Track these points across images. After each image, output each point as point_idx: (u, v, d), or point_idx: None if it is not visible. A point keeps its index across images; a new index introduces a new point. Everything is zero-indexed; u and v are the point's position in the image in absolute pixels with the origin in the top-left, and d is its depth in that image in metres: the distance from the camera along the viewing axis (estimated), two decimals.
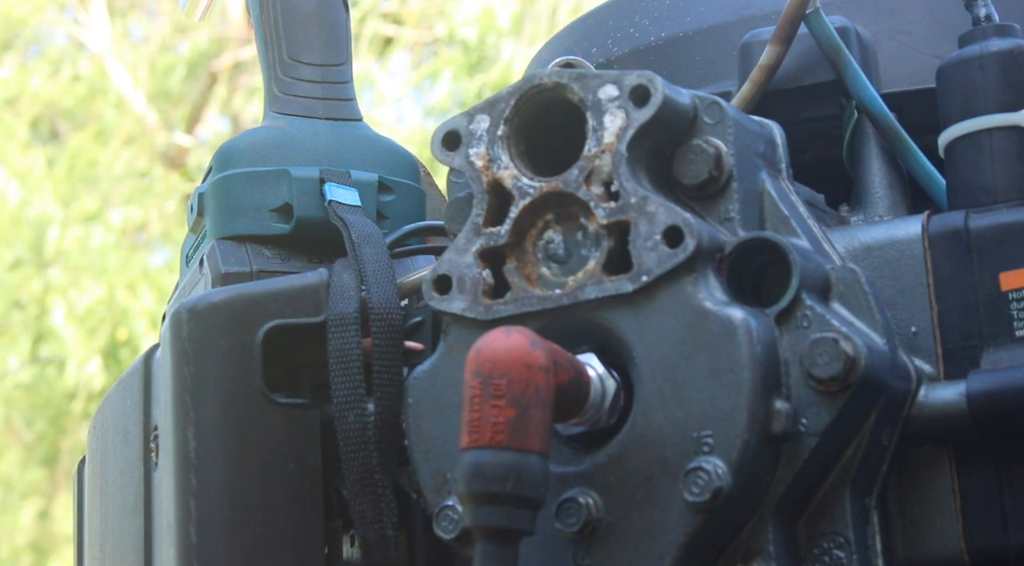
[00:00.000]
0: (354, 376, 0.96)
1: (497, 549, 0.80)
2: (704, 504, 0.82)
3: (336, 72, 1.13)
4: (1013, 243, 0.89)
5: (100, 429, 1.12)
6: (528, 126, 0.92)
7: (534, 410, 0.80)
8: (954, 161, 0.96)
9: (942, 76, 0.98)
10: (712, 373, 0.84)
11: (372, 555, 0.96)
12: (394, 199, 1.10)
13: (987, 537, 0.88)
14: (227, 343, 0.96)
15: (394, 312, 0.97)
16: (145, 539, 1.02)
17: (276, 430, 0.96)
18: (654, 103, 0.87)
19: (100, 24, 6.75)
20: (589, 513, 0.86)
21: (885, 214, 1.04)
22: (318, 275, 0.99)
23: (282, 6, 1.13)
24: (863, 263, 0.92)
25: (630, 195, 0.87)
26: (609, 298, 0.87)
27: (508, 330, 0.82)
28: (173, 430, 0.96)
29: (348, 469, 0.95)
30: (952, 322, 0.90)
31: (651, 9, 1.16)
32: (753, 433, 0.83)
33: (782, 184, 0.92)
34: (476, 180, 0.92)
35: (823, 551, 0.86)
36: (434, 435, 0.91)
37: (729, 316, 0.84)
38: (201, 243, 1.10)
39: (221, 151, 1.09)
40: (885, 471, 0.88)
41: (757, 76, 1.03)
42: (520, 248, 0.91)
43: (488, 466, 0.80)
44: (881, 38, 1.08)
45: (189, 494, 0.95)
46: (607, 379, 0.87)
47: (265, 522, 0.95)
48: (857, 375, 0.83)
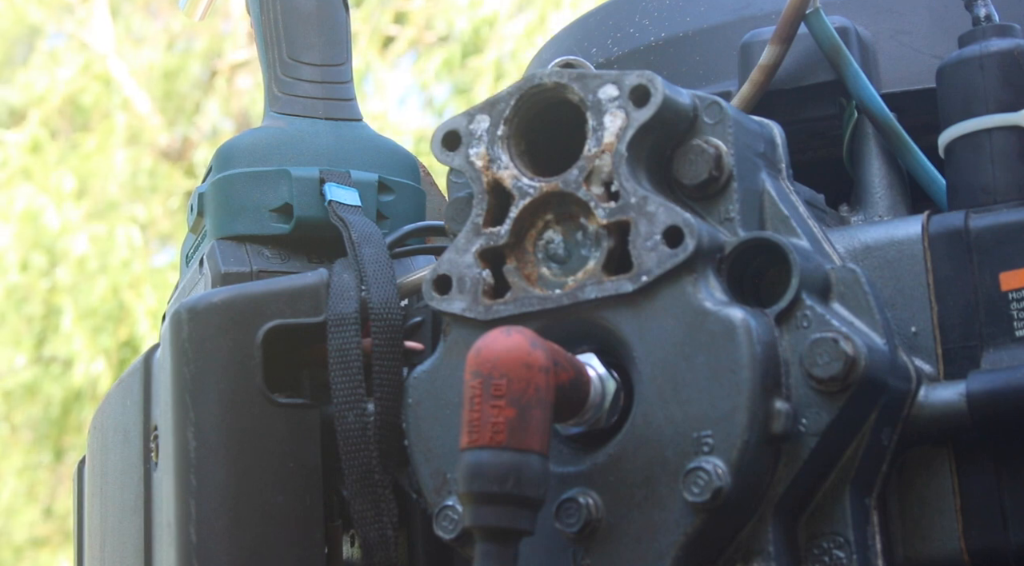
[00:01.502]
0: (354, 376, 0.96)
1: (497, 549, 0.80)
2: (704, 504, 0.82)
3: (336, 72, 1.13)
4: (1013, 243, 0.89)
5: (100, 429, 1.12)
6: (528, 126, 0.92)
7: (534, 410, 0.80)
8: (954, 161, 0.96)
9: (942, 76, 0.98)
10: (712, 373, 0.84)
11: (372, 555, 0.96)
12: (394, 199, 1.10)
13: (987, 537, 0.88)
14: (227, 343, 0.96)
15: (394, 312, 0.97)
16: (145, 539, 1.02)
17: (276, 430, 0.96)
18: (654, 103, 0.87)
19: (103, 24, 6.76)
20: (589, 513, 0.86)
21: (885, 214, 1.04)
22: (318, 275, 0.99)
23: (282, 6, 1.13)
24: (863, 263, 0.92)
25: (630, 195, 0.87)
26: (609, 298, 0.87)
27: (508, 330, 0.82)
28: (173, 430, 0.96)
29: (348, 469, 0.95)
30: (952, 322, 0.90)
31: (651, 9, 1.16)
32: (753, 433, 0.83)
33: (782, 184, 0.92)
34: (476, 180, 0.92)
35: (823, 551, 0.86)
36: (434, 435, 0.91)
37: (729, 316, 0.84)
38: (201, 243, 1.10)
39: (221, 151, 1.10)
40: (885, 471, 0.88)
41: (757, 76, 1.03)
42: (520, 248, 0.91)
43: (488, 466, 0.80)
44: (881, 38, 1.08)
45: (189, 494, 0.95)
46: (607, 379, 0.87)
47: (265, 522, 0.95)
48: (857, 375, 0.83)
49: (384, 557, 0.96)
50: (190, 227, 1.12)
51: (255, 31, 1.15)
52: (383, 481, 0.95)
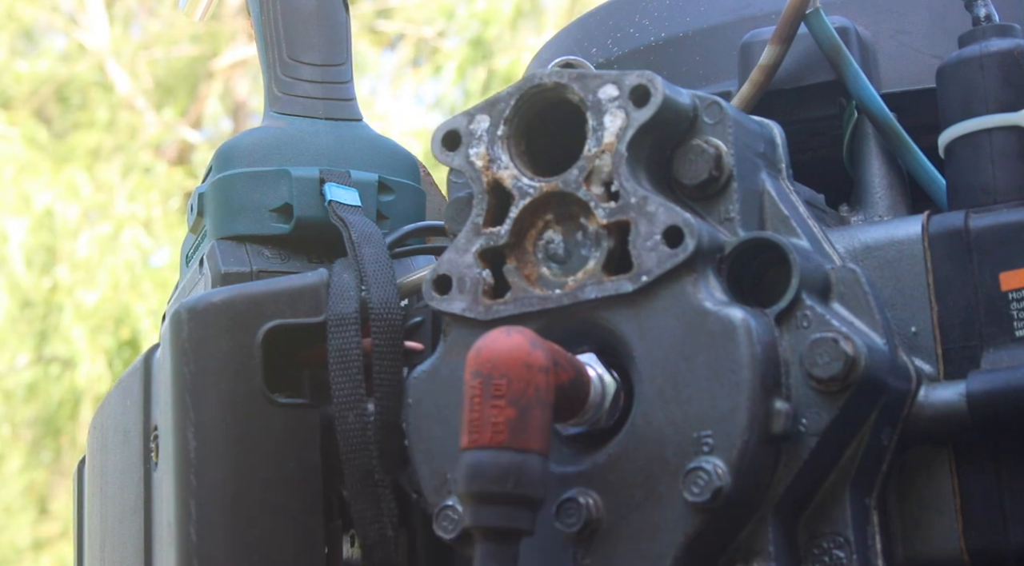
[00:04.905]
0: (354, 376, 0.96)
1: (497, 549, 0.80)
2: (704, 504, 0.82)
3: (336, 72, 1.13)
4: (1013, 243, 0.89)
5: (100, 429, 1.12)
6: (528, 126, 0.92)
7: (534, 410, 0.80)
8: (954, 161, 0.96)
9: (942, 76, 0.98)
10: (712, 373, 0.84)
11: (372, 555, 0.96)
12: (394, 199, 1.10)
13: (987, 537, 0.88)
14: (227, 343, 0.96)
15: (394, 312, 0.97)
16: (145, 539, 1.02)
17: (276, 430, 0.96)
18: (654, 103, 0.87)
19: (99, 23, 6.76)
20: (589, 513, 0.86)
21: (885, 214, 1.04)
22: (318, 275, 0.99)
23: (282, 6, 1.13)
24: (863, 263, 0.92)
25: (630, 195, 0.87)
26: (609, 298, 0.87)
27: (508, 330, 0.82)
28: (173, 430, 0.96)
29: (348, 469, 0.95)
30: (952, 322, 0.90)
31: (651, 9, 1.16)
32: (753, 433, 0.83)
33: (782, 184, 0.92)
34: (476, 180, 0.92)
35: (823, 551, 0.86)
36: (434, 435, 0.91)
37: (729, 316, 0.84)
38: (201, 243, 1.10)
39: (221, 151, 1.09)
40: (885, 471, 0.88)
41: (757, 76, 1.03)
42: (520, 248, 0.91)
43: (488, 466, 0.80)
44: (881, 38, 1.08)
45: (189, 494, 0.95)
46: (607, 379, 0.87)
47: (265, 522, 0.95)
48: (857, 375, 0.83)
49: (384, 557, 0.96)
50: (190, 227, 1.12)
51: (255, 31, 1.15)
52: (383, 481, 0.95)
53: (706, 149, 0.89)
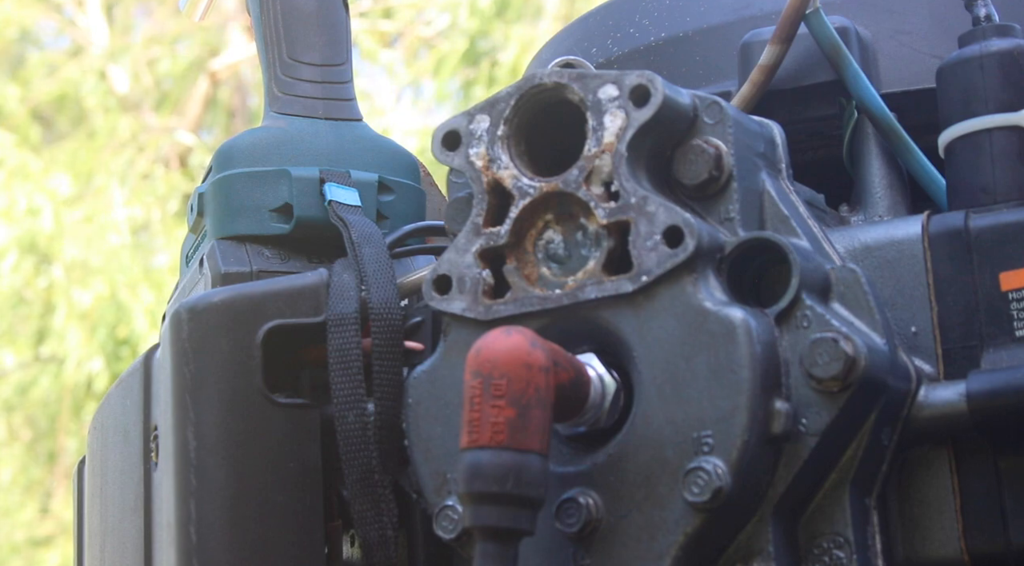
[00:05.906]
0: (354, 376, 0.96)
1: (497, 549, 0.80)
2: (704, 504, 0.82)
3: (336, 72, 1.13)
4: (1013, 243, 0.89)
5: (100, 429, 1.12)
6: (528, 126, 0.92)
7: (534, 410, 0.80)
8: (954, 161, 0.96)
9: (942, 76, 0.98)
10: (712, 373, 0.84)
11: (372, 555, 0.96)
12: (394, 199, 1.10)
13: (987, 537, 0.88)
14: (227, 343, 0.96)
15: (394, 312, 0.97)
16: (145, 539, 1.02)
17: (276, 430, 0.96)
18: (654, 103, 0.87)
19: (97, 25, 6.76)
20: (589, 513, 0.86)
21: (885, 214, 1.04)
22: (318, 275, 0.99)
23: (282, 6, 1.13)
24: (863, 263, 0.92)
25: (630, 195, 0.87)
26: (609, 298, 0.87)
27: (508, 330, 0.82)
28: (173, 430, 0.96)
29: (348, 469, 0.95)
30: (952, 322, 0.90)
31: (651, 9, 1.16)
32: (753, 433, 0.83)
33: (782, 184, 0.92)
34: (476, 180, 0.92)
35: (823, 551, 0.86)
36: (434, 435, 0.91)
37: (729, 316, 0.84)
38: (201, 243, 1.10)
39: (221, 151, 1.09)
40: (885, 471, 0.88)
41: (757, 76, 1.03)
42: (520, 248, 0.91)
43: (488, 466, 0.80)
44: (881, 38, 1.08)
45: (189, 494, 0.95)
46: (607, 379, 0.87)
47: (265, 522, 0.95)
48: (857, 375, 0.83)
49: (384, 557, 0.96)
50: (190, 227, 1.12)
51: (255, 31, 1.15)
52: (383, 481, 0.95)
53: (706, 149, 0.89)
